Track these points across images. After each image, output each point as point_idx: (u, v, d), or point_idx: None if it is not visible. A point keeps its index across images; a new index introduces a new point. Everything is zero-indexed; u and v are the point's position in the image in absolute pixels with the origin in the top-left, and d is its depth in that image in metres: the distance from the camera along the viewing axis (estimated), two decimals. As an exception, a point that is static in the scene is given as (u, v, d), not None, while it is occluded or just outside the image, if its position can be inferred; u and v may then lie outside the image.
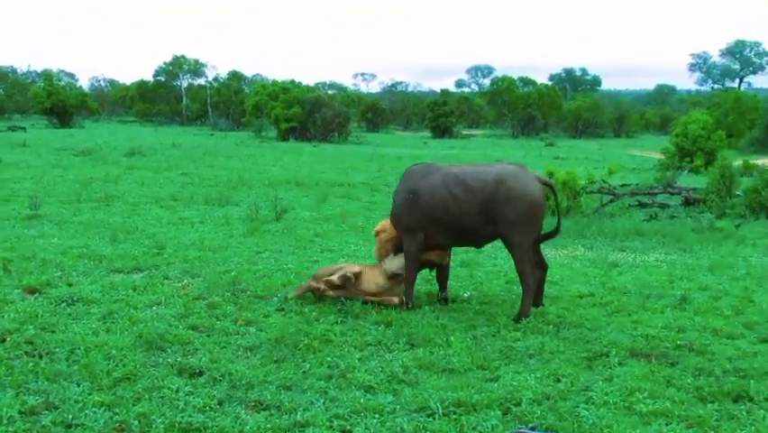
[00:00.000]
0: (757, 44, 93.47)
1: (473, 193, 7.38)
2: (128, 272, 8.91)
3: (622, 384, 5.67)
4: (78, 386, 5.37)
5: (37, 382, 5.44)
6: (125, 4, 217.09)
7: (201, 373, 5.72)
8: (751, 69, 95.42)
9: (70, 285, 8.15)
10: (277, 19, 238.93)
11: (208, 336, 6.64)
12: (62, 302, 7.46)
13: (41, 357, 5.91)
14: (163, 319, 7.00)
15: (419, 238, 7.65)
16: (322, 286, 7.80)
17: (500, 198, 7.29)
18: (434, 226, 7.59)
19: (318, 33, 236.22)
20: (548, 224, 8.31)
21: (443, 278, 8.16)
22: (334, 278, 7.75)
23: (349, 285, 7.78)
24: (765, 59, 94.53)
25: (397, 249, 7.97)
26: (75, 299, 7.57)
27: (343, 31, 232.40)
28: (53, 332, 6.54)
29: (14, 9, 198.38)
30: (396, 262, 7.90)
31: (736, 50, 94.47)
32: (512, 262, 7.73)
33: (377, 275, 7.88)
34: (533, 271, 7.48)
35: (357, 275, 7.81)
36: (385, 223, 8.21)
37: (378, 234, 8.23)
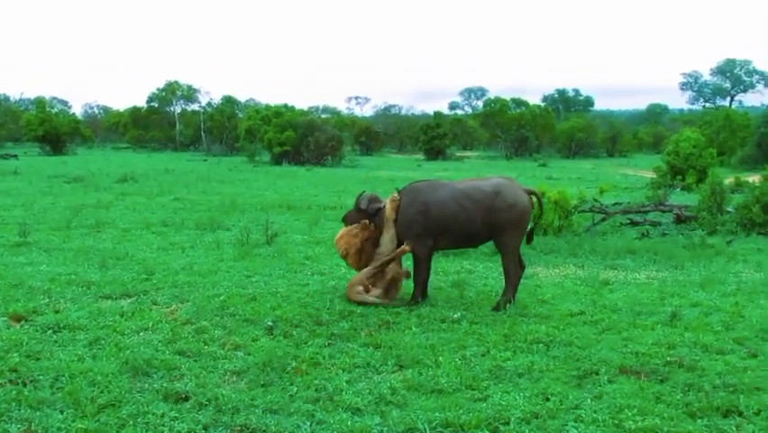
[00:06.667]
0: (747, 63, 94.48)
1: (476, 203, 8.55)
2: (116, 298, 8.83)
3: (611, 402, 5.63)
4: (62, 413, 5.30)
5: (20, 409, 5.36)
6: (118, 31, 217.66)
7: (187, 398, 5.66)
8: (741, 87, 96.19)
9: (57, 312, 8.07)
10: (270, 43, 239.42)
11: (195, 360, 6.57)
12: (48, 329, 7.37)
13: (24, 385, 5.82)
14: (150, 345, 6.92)
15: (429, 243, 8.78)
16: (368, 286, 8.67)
17: (498, 207, 8.51)
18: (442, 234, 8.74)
19: (311, 57, 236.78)
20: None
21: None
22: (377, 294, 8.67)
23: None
24: (755, 77, 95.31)
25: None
26: (61, 325, 7.48)
27: (336, 54, 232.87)
28: (38, 359, 6.46)
29: (7, 37, 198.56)
30: (386, 243, 8.83)
31: (727, 69, 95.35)
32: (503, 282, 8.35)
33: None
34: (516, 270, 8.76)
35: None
36: (343, 238, 9.01)
37: (347, 253, 8.97)
